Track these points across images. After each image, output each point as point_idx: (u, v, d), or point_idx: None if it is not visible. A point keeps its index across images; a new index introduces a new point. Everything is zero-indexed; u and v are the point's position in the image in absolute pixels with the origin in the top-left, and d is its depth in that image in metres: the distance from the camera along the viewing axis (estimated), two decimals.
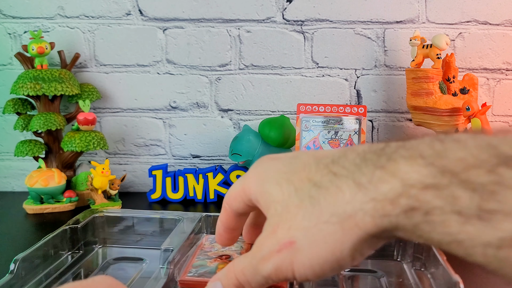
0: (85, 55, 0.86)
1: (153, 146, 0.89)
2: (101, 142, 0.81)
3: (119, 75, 0.87)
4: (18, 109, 0.81)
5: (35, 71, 0.79)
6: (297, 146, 0.73)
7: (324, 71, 0.86)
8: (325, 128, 0.72)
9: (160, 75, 0.87)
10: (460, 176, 0.19)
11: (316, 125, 0.72)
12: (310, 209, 0.23)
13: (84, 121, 0.79)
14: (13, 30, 0.86)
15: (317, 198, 0.23)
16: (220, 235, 0.34)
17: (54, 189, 0.76)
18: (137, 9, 0.85)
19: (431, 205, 0.19)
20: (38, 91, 0.77)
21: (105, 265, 0.54)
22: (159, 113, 0.88)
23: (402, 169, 0.20)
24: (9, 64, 0.87)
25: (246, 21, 0.85)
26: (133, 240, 0.59)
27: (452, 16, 0.85)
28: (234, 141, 0.79)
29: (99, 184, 0.76)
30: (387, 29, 0.85)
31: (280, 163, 0.27)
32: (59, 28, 0.86)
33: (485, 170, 0.18)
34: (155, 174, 0.81)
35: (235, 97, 0.88)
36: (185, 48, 0.86)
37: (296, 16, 0.85)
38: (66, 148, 0.79)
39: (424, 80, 0.76)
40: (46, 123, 0.78)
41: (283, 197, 0.25)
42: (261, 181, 0.27)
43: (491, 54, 0.86)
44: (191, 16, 0.85)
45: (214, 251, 0.47)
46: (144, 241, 0.58)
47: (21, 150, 0.79)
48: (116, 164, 0.90)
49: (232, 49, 0.86)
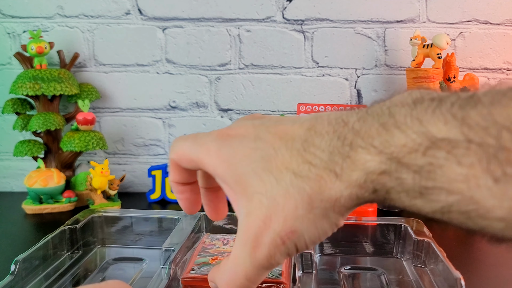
0: (85, 55, 0.86)
1: (153, 146, 0.89)
2: (100, 142, 0.80)
3: (119, 75, 0.87)
4: (17, 109, 0.81)
5: (34, 71, 0.78)
6: None
7: (324, 71, 0.86)
8: None
9: (159, 74, 0.87)
10: (403, 161, 0.22)
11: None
12: (299, 198, 0.25)
13: (83, 121, 0.79)
14: (12, 29, 0.85)
15: (303, 187, 0.25)
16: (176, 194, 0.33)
17: (53, 189, 0.76)
18: (137, 8, 0.85)
19: (388, 187, 0.23)
20: (37, 91, 0.77)
21: (104, 265, 0.54)
22: (159, 113, 0.88)
23: (362, 158, 0.24)
24: (8, 64, 0.86)
25: (246, 21, 0.85)
26: (132, 240, 0.58)
27: (453, 15, 0.84)
28: None
29: (99, 184, 0.76)
30: (388, 29, 0.85)
31: (247, 148, 0.27)
32: (58, 27, 0.85)
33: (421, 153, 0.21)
34: (155, 174, 0.81)
35: (235, 97, 0.87)
36: (185, 48, 0.86)
37: (296, 15, 0.85)
38: (65, 148, 0.79)
39: (425, 80, 0.75)
40: (45, 123, 0.77)
41: (265, 188, 0.26)
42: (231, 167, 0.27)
43: (491, 53, 0.85)
44: (191, 16, 0.85)
45: (215, 248, 0.47)
46: (143, 241, 0.58)
47: (20, 150, 0.79)
48: (116, 164, 0.90)
49: (232, 48, 0.86)
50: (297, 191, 0.25)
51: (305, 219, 0.25)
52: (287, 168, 0.26)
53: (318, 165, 0.25)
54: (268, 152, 0.27)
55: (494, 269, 0.53)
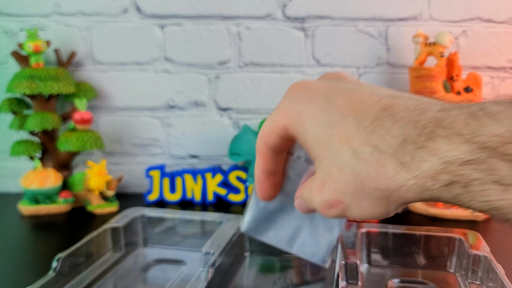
0: (82, 53, 0.85)
1: (151, 145, 0.88)
2: (97, 141, 0.79)
3: (116, 74, 0.86)
4: (14, 108, 0.80)
5: (31, 70, 0.77)
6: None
7: (325, 69, 0.85)
8: None
9: (158, 73, 0.86)
10: (498, 150, 0.20)
11: None
12: (352, 180, 0.25)
13: (80, 121, 0.78)
14: (9, 28, 0.84)
15: (358, 170, 0.25)
16: (261, 184, 0.32)
17: (50, 189, 0.75)
18: (135, 6, 0.84)
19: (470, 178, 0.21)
20: (34, 90, 0.76)
21: (146, 266, 0.54)
22: (157, 112, 0.87)
23: (441, 148, 0.22)
24: (5, 63, 0.85)
25: (246, 18, 0.84)
26: (174, 241, 0.59)
27: (456, 13, 0.83)
28: (234, 141, 0.78)
29: (96, 184, 0.75)
30: (390, 27, 0.84)
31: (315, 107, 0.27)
32: (56, 26, 0.84)
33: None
34: (152, 175, 0.80)
35: (234, 96, 0.86)
36: (184, 46, 0.85)
37: (296, 13, 0.83)
38: (62, 148, 0.78)
39: (428, 79, 0.74)
40: (42, 123, 0.76)
41: (324, 156, 0.26)
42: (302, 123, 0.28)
43: (495, 52, 0.84)
44: (190, 13, 0.84)
45: None
46: (185, 242, 0.59)
47: (17, 150, 0.78)
48: (113, 164, 0.88)
49: (231, 46, 0.85)
50: (351, 172, 0.25)
51: (354, 198, 0.26)
52: (349, 143, 0.25)
53: (383, 150, 0.24)
54: (334, 118, 0.26)
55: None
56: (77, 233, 0.65)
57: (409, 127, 0.23)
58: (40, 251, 0.58)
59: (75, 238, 0.62)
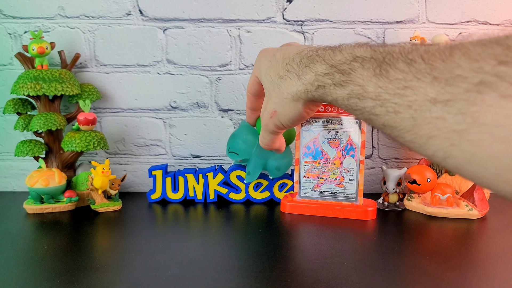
0: (86, 55, 0.86)
1: (154, 146, 0.90)
2: (101, 142, 0.81)
3: (120, 75, 0.87)
4: (19, 109, 0.81)
5: (35, 71, 0.79)
6: (297, 146, 0.73)
7: None
8: (325, 128, 0.72)
9: (160, 75, 0.87)
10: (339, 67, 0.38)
11: (316, 125, 0.72)
12: (278, 92, 0.46)
13: (84, 121, 0.80)
14: (14, 30, 0.86)
15: (280, 85, 0.46)
16: (248, 116, 0.62)
17: (54, 189, 0.76)
18: (137, 9, 0.85)
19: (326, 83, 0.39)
20: (38, 91, 0.78)
21: None
22: (160, 113, 0.88)
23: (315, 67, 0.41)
24: (10, 64, 0.87)
25: (246, 21, 0.85)
26: None
27: (452, 16, 0.85)
28: (231, 139, 0.79)
29: (100, 184, 0.76)
30: (387, 29, 0.85)
31: (266, 60, 0.49)
32: (60, 28, 0.86)
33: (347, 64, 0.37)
34: (155, 174, 0.81)
35: (235, 97, 0.88)
36: (185, 48, 0.86)
37: (296, 16, 0.85)
38: (66, 148, 0.79)
39: None
40: (47, 123, 0.78)
41: (268, 86, 0.48)
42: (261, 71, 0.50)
43: None
44: (191, 16, 0.85)
45: None
46: None
47: (22, 150, 0.79)
48: (116, 164, 0.90)
49: (232, 49, 0.86)
50: (277, 87, 0.46)
51: (280, 104, 0.46)
52: (277, 74, 0.46)
53: (291, 72, 0.44)
54: (274, 64, 0.48)
55: None
56: (81, 232, 0.67)
57: (305, 59, 0.43)
58: (44, 249, 0.59)
59: (79, 237, 0.64)
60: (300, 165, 0.74)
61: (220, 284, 0.48)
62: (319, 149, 0.73)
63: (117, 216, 0.74)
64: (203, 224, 0.70)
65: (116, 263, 0.54)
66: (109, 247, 0.60)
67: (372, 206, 0.73)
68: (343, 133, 0.72)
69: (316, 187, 0.74)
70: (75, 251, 0.57)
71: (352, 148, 0.72)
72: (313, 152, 0.73)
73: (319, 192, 0.74)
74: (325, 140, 0.73)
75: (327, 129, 0.72)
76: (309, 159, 0.73)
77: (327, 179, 0.73)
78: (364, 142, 0.71)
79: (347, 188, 0.73)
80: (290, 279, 0.49)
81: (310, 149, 0.73)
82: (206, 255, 0.57)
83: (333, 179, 0.73)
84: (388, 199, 0.78)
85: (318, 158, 0.73)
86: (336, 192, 0.73)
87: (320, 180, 0.74)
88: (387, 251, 0.58)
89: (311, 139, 0.73)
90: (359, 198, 0.72)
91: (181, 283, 0.48)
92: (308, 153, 0.73)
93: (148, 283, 0.48)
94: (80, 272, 0.51)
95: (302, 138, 0.73)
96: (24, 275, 0.51)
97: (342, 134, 0.72)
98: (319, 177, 0.73)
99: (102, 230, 0.67)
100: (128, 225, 0.69)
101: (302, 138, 0.73)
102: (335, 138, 0.72)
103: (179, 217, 0.74)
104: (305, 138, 0.73)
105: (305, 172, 0.74)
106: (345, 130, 0.71)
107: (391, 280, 0.49)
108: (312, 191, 0.74)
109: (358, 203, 0.72)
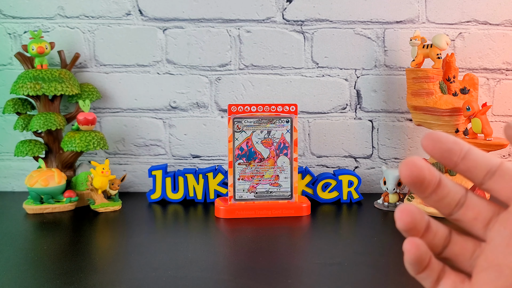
0: (85, 55, 0.86)
1: (153, 146, 0.90)
2: (101, 142, 0.81)
3: (119, 75, 0.87)
4: (18, 109, 0.81)
5: (35, 71, 0.79)
6: (230, 149, 0.73)
7: (324, 71, 0.86)
8: (257, 128, 0.73)
9: (160, 75, 0.87)
10: None
11: (249, 126, 0.73)
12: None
13: (84, 121, 0.79)
14: (13, 30, 0.86)
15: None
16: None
17: (54, 189, 0.76)
18: (137, 9, 0.85)
19: None
20: (38, 91, 0.77)
21: None
22: (159, 113, 0.88)
23: None
24: (9, 64, 0.87)
25: (246, 21, 0.85)
26: None
27: (452, 16, 0.85)
28: None
29: (99, 184, 0.76)
30: (387, 29, 0.85)
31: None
32: (59, 28, 0.86)
33: None
34: (155, 174, 0.81)
35: (235, 97, 0.88)
36: (185, 48, 0.86)
37: (296, 16, 0.85)
38: (66, 148, 0.79)
39: (425, 80, 0.76)
40: (46, 123, 0.78)
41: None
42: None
43: (491, 54, 0.86)
44: (191, 16, 0.85)
45: None
46: None
47: (21, 150, 0.79)
48: (116, 164, 0.90)
49: (232, 49, 0.86)
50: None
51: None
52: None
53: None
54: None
55: None
56: (81, 232, 0.67)
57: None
58: (44, 250, 0.59)
59: (79, 237, 0.64)
60: (234, 167, 0.74)
61: (220, 284, 0.48)
62: (253, 149, 0.73)
63: (117, 216, 0.74)
64: (203, 224, 0.70)
65: (116, 263, 0.54)
66: (109, 247, 0.60)
67: (306, 202, 0.75)
68: (276, 132, 0.73)
69: (252, 188, 0.75)
70: (74, 252, 0.57)
71: (285, 147, 0.73)
72: (246, 153, 0.74)
73: (254, 193, 0.75)
74: (258, 140, 0.73)
75: (260, 128, 0.73)
76: (242, 161, 0.74)
77: (262, 180, 0.74)
78: (296, 140, 0.73)
79: (282, 187, 0.74)
80: (291, 280, 0.49)
81: (243, 150, 0.74)
82: (206, 255, 0.57)
83: (268, 178, 0.74)
84: (388, 199, 0.78)
85: (252, 159, 0.74)
86: (272, 192, 0.74)
87: (255, 180, 0.74)
88: (387, 251, 0.57)
89: (244, 140, 0.73)
90: (294, 196, 0.74)
91: (181, 283, 0.48)
92: (242, 155, 0.74)
93: (148, 283, 0.48)
94: (80, 273, 0.51)
95: (234, 140, 0.73)
96: (24, 276, 0.50)
97: (275, 133, 0.73)
98: (254, 177, 0.74)
99: (102, 230, 0.67)
100: (128, 225, 0.69)
101: (235, 140, 0.73)
102: (268, 137, 0.73)
103: (179, 217, 0.74)
104: (237, 139, 0.73)
105: (239, 174, 0.74)
106: (277, 129, 0.72)
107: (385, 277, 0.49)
108: (247, 193, 0.75)
109: (294, 201, 0.74)
